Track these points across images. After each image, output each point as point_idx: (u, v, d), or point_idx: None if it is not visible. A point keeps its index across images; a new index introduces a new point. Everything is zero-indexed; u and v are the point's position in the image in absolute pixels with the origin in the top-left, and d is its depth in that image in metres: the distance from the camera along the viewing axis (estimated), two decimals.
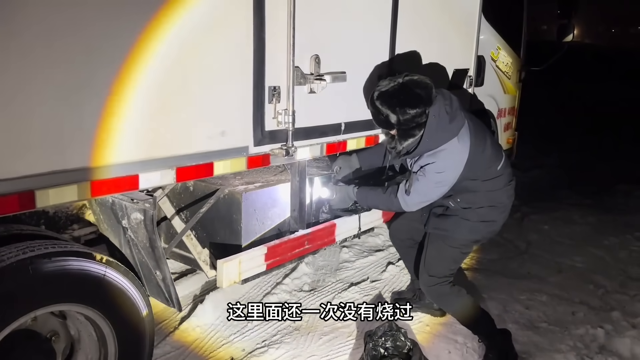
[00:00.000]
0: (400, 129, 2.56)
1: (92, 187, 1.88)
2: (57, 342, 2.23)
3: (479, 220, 2.81)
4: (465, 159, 2.61)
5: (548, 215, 5.49)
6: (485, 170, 2.74)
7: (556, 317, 3.48)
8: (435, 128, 2.52)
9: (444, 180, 2.63)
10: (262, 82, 2.42)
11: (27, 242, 1.99)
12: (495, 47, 4.85)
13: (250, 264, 2.66)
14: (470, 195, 2.76)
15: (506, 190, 2.85)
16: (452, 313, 3.08)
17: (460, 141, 2.59)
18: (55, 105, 1.76)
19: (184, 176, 2.19)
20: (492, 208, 2.81)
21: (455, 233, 2.85)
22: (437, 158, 2.58)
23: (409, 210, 2.76)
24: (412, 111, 2.49)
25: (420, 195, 2.68)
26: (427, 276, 2.95)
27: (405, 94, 2.50)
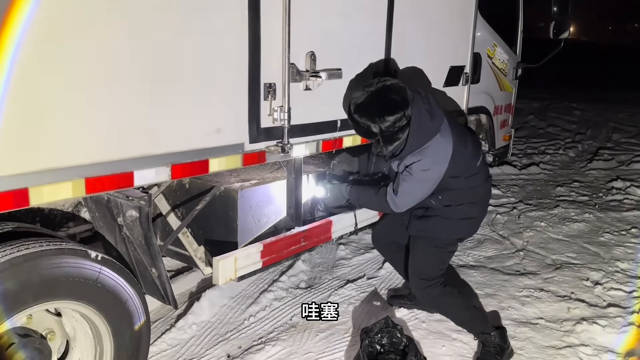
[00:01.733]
0: (384, 135, 2.55)
1: (87, 184, 1.88)
2: (52, 340, 2.22)
3: (460, 218, 2.83)
4: (450, 153, 2.61)
5: (544, 212, 5.50)
6: (467, 166, 2.75)
7: (552, 314, 3.48)
8: (418, 127, 2.53)
9: (430, 177, 2.63)
10: (257, 78, 2.41)
11: (22, 240, 1.98)
12: (491, 44, 4.85)
13: (246, 261, 2.66)
14: (451, 193, 2.77)
15: (485, 187, 2.90)
16: (446, 314, 3.09)
17: (443, 137, 2.60)
18: (48, 102, 1.75)
19: (179, 173, 2.18)
20: (472, 205, 2.83)
21: (438, 233, 2.87)
22: (422, 156, 2.58)
23: (400, 211, 2.77)
24: (391, 117, 2.48)
25: (408, 195, 2.69)
26: (418, 280, 2.96)
27: (381, 102, 2.50)
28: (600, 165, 7.60)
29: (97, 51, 1.85)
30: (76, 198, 2.20)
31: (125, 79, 1.95)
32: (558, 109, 12.01)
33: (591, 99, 13.37)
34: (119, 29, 1.90)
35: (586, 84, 16.71)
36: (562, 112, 11.67)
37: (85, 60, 1.83)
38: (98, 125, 1.89)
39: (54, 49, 1.74)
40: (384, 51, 3.17)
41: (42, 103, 1.74)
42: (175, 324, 3.20)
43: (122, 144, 1.98)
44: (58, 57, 1.76)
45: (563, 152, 8.39)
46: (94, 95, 1.87)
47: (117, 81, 1.93)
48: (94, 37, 1.83)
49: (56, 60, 1.75)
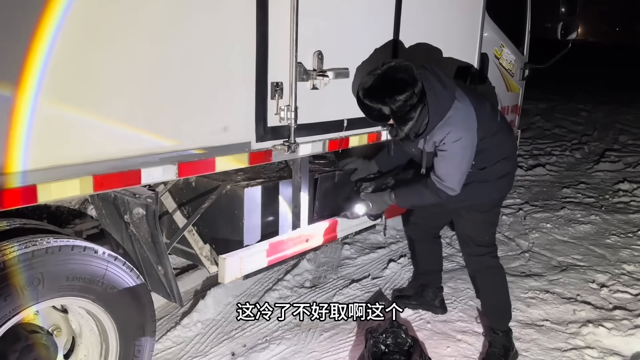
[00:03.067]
0: (397, 116, 2.52)
1: (95, 181, 1.88)
2: (58, 336, 2.24)
3: (497, 178, 2.79)
4: (474, 115, 2.59)
5: (550, 213, 5.49)
6: (490, 124, 2.72)
7: (557, 316, 3.47)
8: (435, 98, 2.51)
9: (467, 144, 2.58)
10: (264, 77, 2.41)
11: (30, 236, 1.99)
12: (498, 45, 4.83)
13: (251, 260, 2.66)
14: (483, 155, 2.71)
15: (512, 140, 2.87)
16: (488, 291, 3.05)
17: (461, 101, 2.59)
18: (56, 100, 1.76)
19: (186, 171, 2.19)
20: (506, 160, 2.80)
21: (480, 198, 2.82)
22: (450, 126, 2.54)
23: (456, 192, 2.66)
24: (401, 97, 2.44)
25: (454, 172, 2.62)
26: (475, 247, 2.94)
27: (390, 82, 2.47)
28: (606, 167, 7.57)
29: (104, 51, 1.85)
30: (84, 195, 2.20)
31: (133, 77, 1.95)
32: (564, 110, 11.96)
33: (598, 100, 13.31)
34: (126, 29, 1.90)
35: (593, 85, 16.63)
36: (568, 113, 11.62)
37: (93, 59, 1.83)
38: (106, 122, 1.89)
39: (62, 50, 1.74)
40: (391, 51, 3.15)
41: (51, 101, 1.75)
42: (181, 321, 3.20)
43: (129, 142, 1.98)
44: (66, 57, 1.76)
45: (569, 154, 8.36)
46: (101, 93, 1.87)
47: (125, 80, 1.93)
48: (102, 37, 1.84)
49: (64, 61, 1.75)
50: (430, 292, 3.45)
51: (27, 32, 1.66)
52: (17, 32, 1.65)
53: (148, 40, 1.97)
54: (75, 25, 1.76)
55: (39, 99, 1.72)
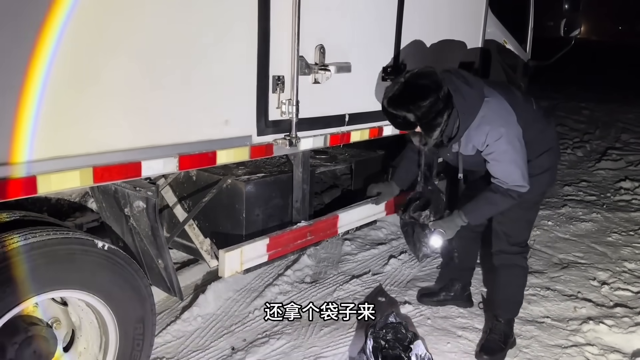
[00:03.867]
0: (422, 123, 2.50)
1: (95, 173, 1.87)
2: (58, 329, 2.23)
3: (541, 172, 2.73)
4: (509, 107, 2.56)
5: (552, 211, 5.47)
6: (526, 114, 2.67)
7: (558, 313, 3.46)
8: (464, 100, 2.48)
9: (512, 138, 2.53)
10: (266, 71, 2.40)
11: (29, 228, 1.99)
12: (501, 41, 4.82)
13: (252, 254, 2.65)
14: (526, 148, 2.65)
15: (551, 128, 2.82)
16: (508, 288, 3.02)
17: (491, 96, 2.57)
18: (58, 92, 1.75)
19: (187, 164, 2.18)
20: (549, 152, 2.76)
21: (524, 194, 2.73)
22: (485, 125, 2.52)
23: (526, 187, 2.58)
24: (425, 103, 2.43)
25: (513, 168, 2.55)
26: (509, 246, 2.90)
27: (412, 89, 2.46)
28: (608, 165, 7.54)
29: (106, 43, 1.84)
30: (84, 187, 2.20)
31: (134, 70, 1.95)
32: (566, 108, 11.92)
33: (600, 99, 13.26)
34: (126, 21, 1.89)
35: (595, 83, 16.59)
36: (570, 111, 11.58)
37: (95, 51, 1.82)
38: (106, 114, 1.89)
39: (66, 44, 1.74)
40: (393, 46, 3.15)
41: (52, 92, 1.74)
42: (181, 315, 3.20)
43: (130, 134, 1.97)
44: (69, 49, 1.75)
45: (571, 152, 8.33)
46: (103, 85, 1.86)
47: (126, 72, 1.93)
48: (103, 28, 1.83)
49: (66, 52, 1.75)
50: (458, 286, 3.44)
51: (34, 27, 1.66)
52: (24, 27, 1.64)
53: (148, 33, 1.97)
54: (79, 20, 1.75)
55: (42, 92, 1.72)
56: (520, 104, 2.68)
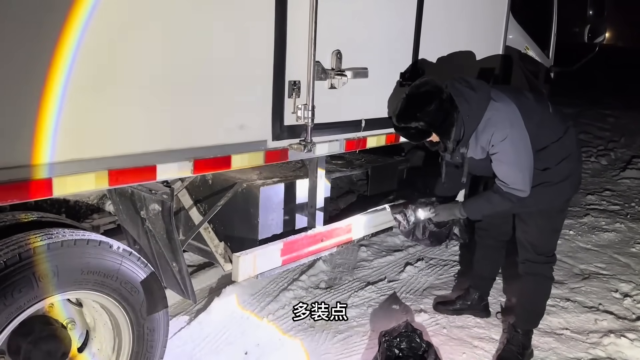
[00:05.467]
0: (436, 127, 2.53)
1: (110, 176, 1.89)
2: (73, 329, 2.25)
3: (561, 180, 2.67)
4: (516, 110, 2.53)
5: (574, 220, 5.37)
6: (541, 118, 2.63)
7: (578, 325, 3.39)
8: (467, 103, 2.48)
9: (517, 140, 2.50)
10: (282, 76, 2.40)
11: (46, 229, 2.02)
12: (523, 47, 4.75)
13: (265, 259, 2.65)
14: (543, 154, 2.62)
15: (571, 134, 2.73)
16: (532, 299, 2.98)
17: (498, 99, 2.55)
18: (74, 95, 1.77)
19: (202, 168, 2.18)
20: (570, 158, 2.69)
21: (546, 203, 2.72)
22: (492, 127, 2.50)
23: (525, 193, 2.56)
24: (430, 107, 2.47)
25: (515, 170, 2.53)
26: (535, 255, 2.85)
27: (415, 99, 2.52)
28: (633, 175, 7.37)
29: (122, 49, 1.86)
30: (99, 189, 2.22)
31: (151, 75, 1.96)
32: (591, 115, 11.70)
33: (626, 106, 12.98)
34: (144, 26, 1.91)
35: (621, 90, 16.26)
36: (594, 118, 11.36)
37: (113, 55, 1.84)
38: (122, 118, 1.90)
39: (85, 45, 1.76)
40: (411, 52, 3.12)
41: (70, 96, 1.76)
42: (195, 318, 3.21)
43: (146, 138, 1.98)
44: (88, 53, 1.77)
45: (595, 160, 8.18)
46: (119, 89, 1.88)
47: (143, 77, 1.94)
48: (121, 35, 1.85)
49: (85, 56, 1.76)
50: (475, 295, 3.39)
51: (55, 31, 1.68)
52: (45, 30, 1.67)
53: (165, 38, 1.98)
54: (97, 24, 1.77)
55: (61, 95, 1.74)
56: (532, 108, 2.63)
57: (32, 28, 1.64)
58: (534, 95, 2.78)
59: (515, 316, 3.05)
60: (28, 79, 1.67)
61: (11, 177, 1.66)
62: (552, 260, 2.93)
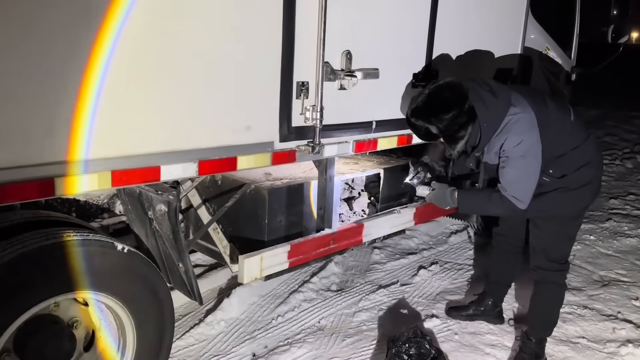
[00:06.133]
0: (445, 135, 2.49)
1: (113, 177, 1.88)
2: (78, 329, 2.25)
3: (580, 186, 2.60)
4: (533, 117, 2.46)
5: (595, 225, 5.23)
6: (561, 125, 2.57)
7: (595, 333, 3.29)
8: (486, 110, 2.43)
9: (528, 150, 2.44)
10: (290, 76, 2.37)
11: (52, 229, 2.02)
12: (543, 47, 4.65)
13: (272, 261, 2.62)
14: (561, 161, 2.57)
15: (591, 141, 2.65)
16: (544, 307, 2.90)
17: (518, 105, 2.48)
18: (77, 97, 1.77)
19: (207, 170, 2.17)
20: (588, 166, 2.61)
21: (561, 209, 2.65)
22: (507, 133, 2.45)
23: (524, 205, 2.50)
24: (447, 116, 2.43)
25: (519, 181, 2.49)
26: (547, 262, 2.78)
27: (436, 102, 2.46)
28: None
29: (124, 48, 1.85)
30: (103, 190, 2.22)
31: (154, 75, 1.95)
32: (617, 117, 11.43)
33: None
34: (149, 27, 1.90)
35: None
36: (620, 120, 11.09)
37: (115, 54, 1.83)
38: (126, 119, 1.90)
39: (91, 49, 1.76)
40: (425, 51, 3.07)
41: (71, 97, 1.76)
42: (204, 319, 3.21)
43: (150, 139, 1.97)
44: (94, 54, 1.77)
45: (620, 163, 7.97)
46: (120, 90, 1.87)
47: (145, 76, 1.93)
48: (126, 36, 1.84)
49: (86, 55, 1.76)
50: (489, 301, 3.32)
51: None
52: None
53: (170, 39, 1.97)
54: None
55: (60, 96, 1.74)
56: (552, 115, 2.56)
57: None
58: (556, 100, 2.70)
59: (528, 324, 2.97)
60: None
61: (12, 177, 1.67)
62: (565, 267, 2.85)
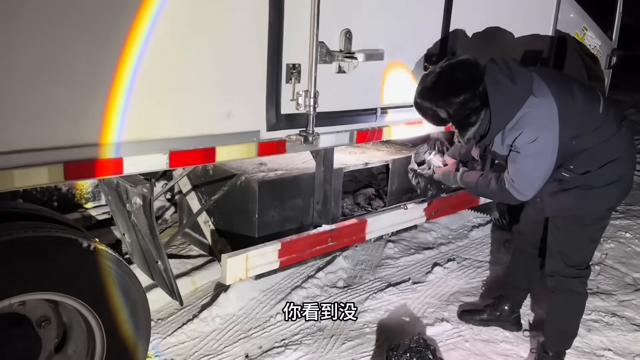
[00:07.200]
0: (455, 120, 2.25)
1: (66, 169, 1.69)
2: (46, 328, 2.11)
3: (606, 184, 2.33)
4: (555, 111, 2.19)
5: (632, 221, 4.85)
6: (586, 118, 2.28)
7: (623, 345, 2.98)
8: (500, 97, 2.16)
9: (543, 147, 2.21)
10: (278, 58, 2.14)
11: (13, 223, 1.86)
12: (580, 28, 4.26)
13: (259, 260, 2.42)
14: (584, 156, 2.30)
15: (622, 135, 2.35)
16: (561, 317, 2.64)
17: (539, 96, 2.20)
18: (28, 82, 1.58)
19: (180, 161, 1.97)
20: (616, 162, 2.32)
21: (583, 209, 2.40)
22: (522, 127, 2.19)
23: (525, 198, 2.34)
24: (457, 99, 2.17)
25: (525, 177, 2.29)
26: (566, 267, 2.52)
27: (446, 83, 2.21)
28: None
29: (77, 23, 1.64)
30: (55, 183, 2.04)
31: (117, 53, 1.74)
32: None
33: None
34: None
35: None
36: None
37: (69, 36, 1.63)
38: (78, 103, 1.69)
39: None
40: (440, 29, 2.78)
41: (23, 83, 1.58)
42: (199, 315, 3.04)
43: (109, 126, 1.77)
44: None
45: None
46: (75, 70, 1.67)
47: (108, 55, 1.72)
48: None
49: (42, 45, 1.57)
50: (506, 306, 3.05)
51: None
52: None
53: (138, 13, 1.75)
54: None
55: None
56: (577, 108, 2.27)
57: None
58: (585, 89, 2.38)
59: (545, 336, 2.69)
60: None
61: None
62: (585, 274, 2.56)
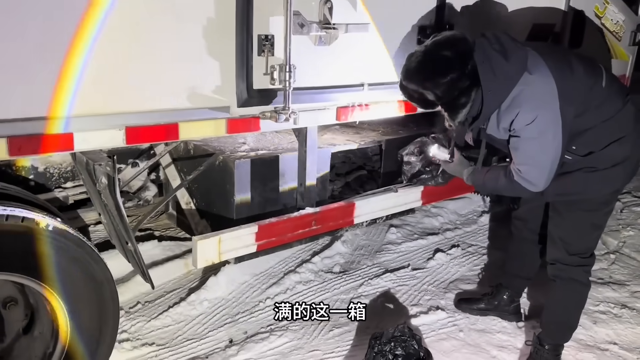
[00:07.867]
0: (443, 103, 2.09)
1: (10, 145, 1.61)
2: (13, 309, 2.06)
3: (611, 165, 2.17)
4: (554, 87, 2.01)
5: None
6: (588, 93, 2.11)
7: (630, 339, 2.80)
8: (492, 75, 1.99)
9: (545, 127, 2.03)
10: (247, 28, 2.00)
11: None
12: (601, 1, 3.98)
13: (234, 244, 2.31)
14: (587, 136, 2.13)
15: (627, 112, 2.19)
16: (562, 308, 2.48)
17: (534, 72, 2.02)
18: None
19: (137, 138, 1.86)
20: (622, 141, 2.15)
21: (587, 192, 2.25)
22: (518, 106, 2.03)
23: (538, 188, 2.16)
24: (444, 79, 2.01)
25: (533, 163, 2.12)
26: (567, 256, 2.36)
27: (431, 63, 2.04)
28: None
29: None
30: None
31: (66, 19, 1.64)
32: None
33: None
34: None
35: None
36: None
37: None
38: (27, 73, 1.60)
39: None
40: (434, 2, 2.59)
41: None
42: (186, 298, 2.97)
43: (59, 99, 1.67)
44: None
45: None
46: (22, 38, 1.58)
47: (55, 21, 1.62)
48: None
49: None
50: (505, 295, 2.90)
51: None
52: None
53: None
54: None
55: None
56: (578, 82, 2.08)
57: None
58: (585, 62, 2.17)
59: (542, 328, 2.52)
60: None
61: None
62: (589, 262, 2.37)
